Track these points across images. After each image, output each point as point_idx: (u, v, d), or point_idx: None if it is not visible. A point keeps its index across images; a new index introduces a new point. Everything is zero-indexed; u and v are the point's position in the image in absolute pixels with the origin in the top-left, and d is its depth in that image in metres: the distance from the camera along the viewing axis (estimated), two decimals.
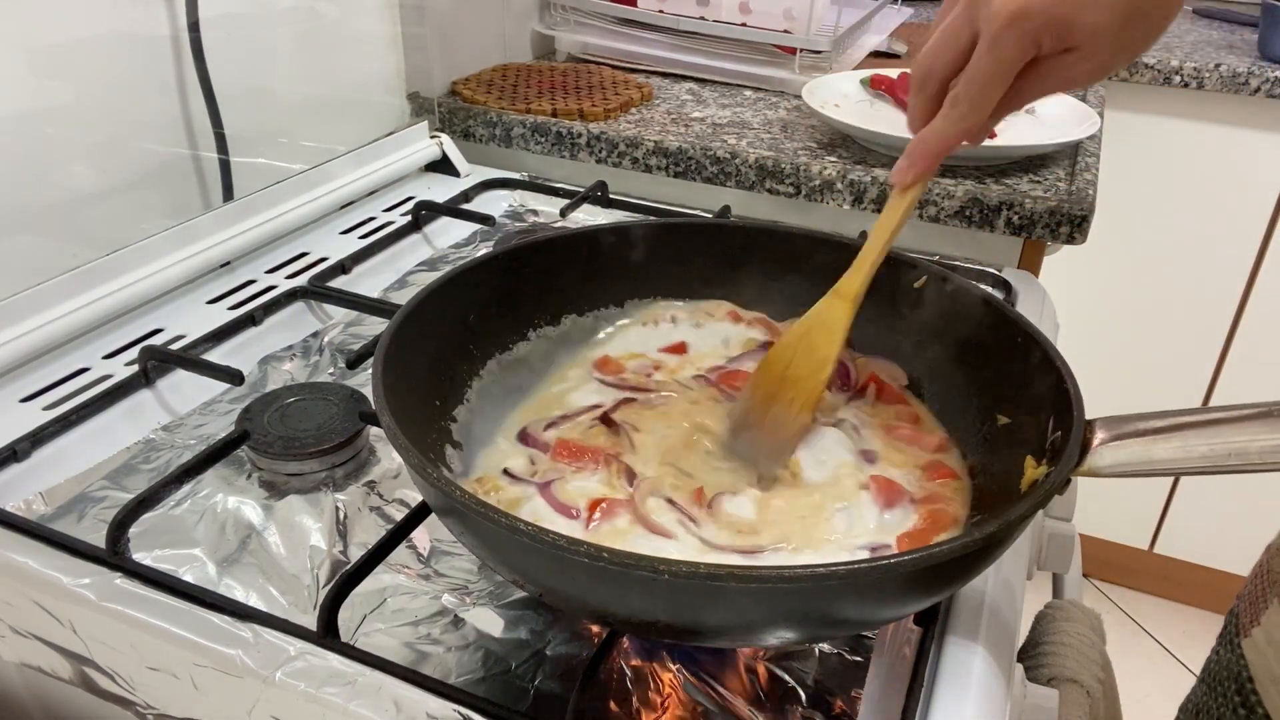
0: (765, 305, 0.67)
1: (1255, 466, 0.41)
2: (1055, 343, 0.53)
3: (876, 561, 0.38)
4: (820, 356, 0.55)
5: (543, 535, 0.38)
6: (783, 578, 0.37)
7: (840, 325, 0.55)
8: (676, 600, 0.39)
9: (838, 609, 0.40)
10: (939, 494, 0.52)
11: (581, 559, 0.38)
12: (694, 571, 0.37)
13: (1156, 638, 1.91)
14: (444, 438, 0.54)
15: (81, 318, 0.72)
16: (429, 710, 0.45)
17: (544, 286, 0.64)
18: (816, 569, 0.38)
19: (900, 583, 0.40)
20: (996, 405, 0.54)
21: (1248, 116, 1.56)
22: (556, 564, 0.40)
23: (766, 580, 0.37)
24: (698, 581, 0.37)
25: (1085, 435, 0.45)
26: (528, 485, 0.52)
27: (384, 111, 1.08)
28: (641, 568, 0.37)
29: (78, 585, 0.51)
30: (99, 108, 0.77)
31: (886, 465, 0.54)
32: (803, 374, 0.55)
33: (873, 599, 0.41)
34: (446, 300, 0.57)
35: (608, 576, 0.39)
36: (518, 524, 0.39)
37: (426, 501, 0.49)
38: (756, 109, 1.17)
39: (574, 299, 0.65)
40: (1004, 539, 0.43)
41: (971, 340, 0.58)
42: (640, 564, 0.37)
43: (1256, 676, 0.53)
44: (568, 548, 0.38)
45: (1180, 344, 1.74)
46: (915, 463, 0.55)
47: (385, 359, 0.49)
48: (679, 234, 0.67)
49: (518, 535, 0.39)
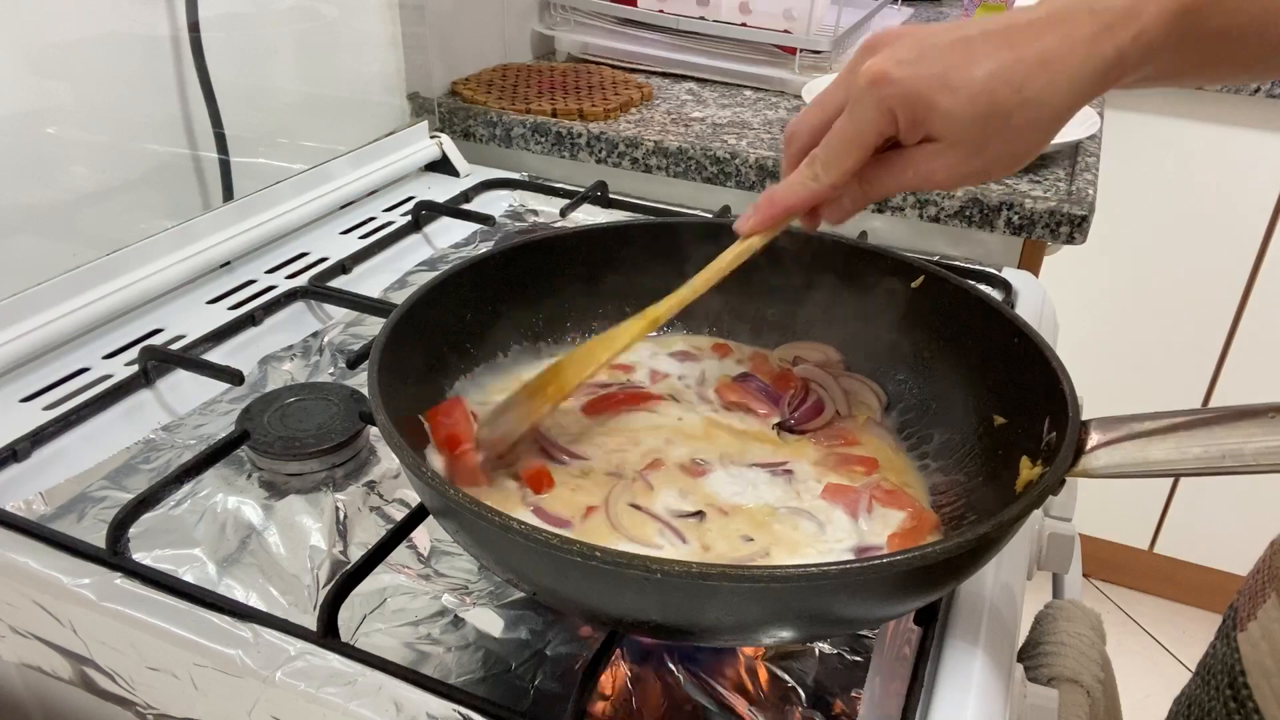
0: (763, 308, 0.67)
1: (1250, 468, 0.41)
2: (1055, 343, 0.53)
3: (869, 561, 0.38)
4: (591, 360, 0.54)
5: (536, 534, 0.38)
6: (775, 577, 0.37)
7: (624, 338, 0.54)
8: (669, 600, 0.39)
9: (832, 608, 0.41)
10: (899, 492, 0.53)
11: (575, 558, 0.38)
12: (686, 571, 0.37)
13: (1156, 638, 1.91)
14: None
15: (81, 318, 0.72)
16: (429, 710, 0.45)
17: (541, 287, 0.64)
18: (810, 569, 0.38)
19: (894, 582, 0.40)
20: (993, 406, 0.54)
21: (1248, 116, 1.56)
22: (550, 563, 0.40)
23: (759, 580, 0.37)
24: (690, 581, 0.37)
25: (1080, 436, 0.45)
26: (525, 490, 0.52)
27: (384, 111, 1.08)
28: (634, 567, 0.37)
29: (78, 585, 0.51)
30: (99, 108, 0.77)
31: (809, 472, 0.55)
32: (568, 375, 0.54)
33: (867, 598, 0.41)
34: (442, 299, 0.57)
35: (601, 576, 0.39)
36: (511, 523, 0.39)
37: (422, 501, 0.49)
38: (756, 109, 1.17)
39: (572, 300, 0.65)
40: (997, 539, 0.43)
41: (968, 341, 0.58)
42: (633, 563, 0.37)
43: (1249, 670, 0.53)
44: (561, 547, 0.38)
45: (1180, 344, 1.74)
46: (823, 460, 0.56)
47: (381, 359, 0.49)
48: (677, 234, 0.67)
49: (511, 534, 0.39)
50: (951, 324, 0.59)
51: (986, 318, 0.56)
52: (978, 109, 0.43)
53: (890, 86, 0.44)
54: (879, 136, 0.46)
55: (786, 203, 0.50)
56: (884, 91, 0.44)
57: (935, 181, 0.46)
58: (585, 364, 0.54)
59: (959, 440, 0.56)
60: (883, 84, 0.44)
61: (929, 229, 0.98)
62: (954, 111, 0.43)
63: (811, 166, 0.48)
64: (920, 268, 0.60)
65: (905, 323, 0.62)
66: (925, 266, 0.60)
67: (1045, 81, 0.42)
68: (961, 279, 0.59)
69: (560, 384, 0.54)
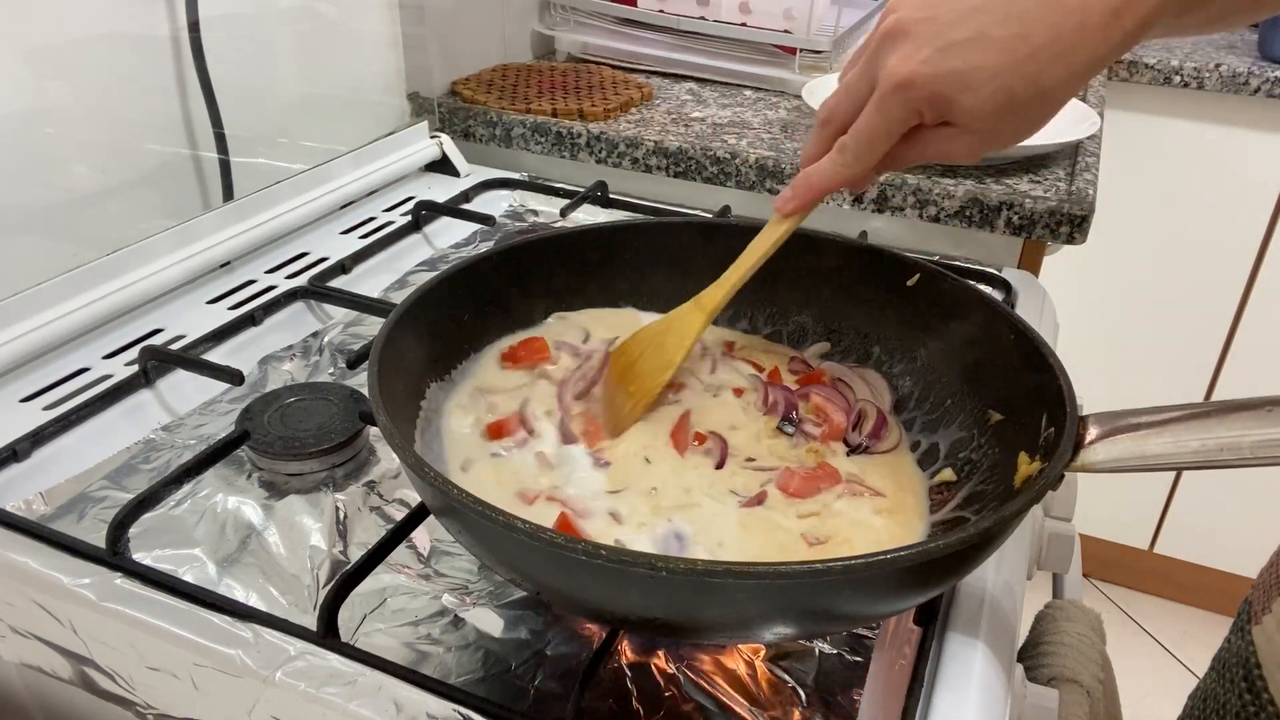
0: (766, 305, 0.67)
1: (1248, 461, 0.41)
2: (1055, 343, 0.53)
3: (874, 558, 0.38)
4: (665, 359, 0.58)
5: (539, 533, 0.38)
6: (778, 574, 0.37)
7: (691, 333, 0.58)
8: (673, 597, 0.39)
9: (834, 604, 0.41)
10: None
11: (579, 556, 0.38)
12: (691, 568, 0.37)
13: (1156, 638, 1.91)
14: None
15: (81, 318, 0.72)
16: (429, 710, 0.45)
17: (539, 285, 0.64)
18: (814, 565, 0.38)
19: (897, 578, 0.40)
20: (991, 403, 0.54)
21: (1248, 116, 1.56)
22: (553, 562, 0.40)
23: (764, 576, 0.37)
24: (694, 578, 0.37)
25: (1079, 431, 0.45)
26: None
27: (384, 111, 1.08)
28: (639, 564, 0.37)
29: (78, 585, 0.51)
30: (99, 108, 0.77)
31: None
32: (645, 371, 0.58)
33: (869, 593, 0.41)
34: (442, 299, 0.58)
35: (604, 574, 0.39)
36: (515, 522, 0.39)
37: (423, 500, 0.49)
38: (756, 109, 1.17)
39: (568, 299, 0.66)
40: (998, 534, 0.43)
41: (965, 338, 0.58)
42: (638, 561, 0.37)
43: (1264, 662, 0.53)
44: (565, 545, 0.38)
45: (1180, 344, 1.74)
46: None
47: (381, 359, 0.49)
48: (676, 234, 0.67)
49: (515, 534, 0.39)
50: (948, 321, 0.59)
51: (983, 314, 0.57)
52: (997, 104, 0.46)
53: (916, 89, 0.47)
54: (904, 128, 0.49)
55: (823, 186, 0.53)
56: (910, 94, 0.47)
57: (953, 157, 0.50)
58: (658, 365, 0.57)
59: (957, 437, 0.56)
60: (909, 88, 0.47)
61: (929, 229, 0.98)
62: (975, 108, 0.46)
63: (843, 154, 0.51)
64: (916, 265, 0.61)
65: (902, 321, 0.62)
66: (921, 264, 0.61)
67: (1060, 74, 0.44)
68: (958, 277, 0.60)
69: (641, 386, 0.57)
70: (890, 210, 0.97)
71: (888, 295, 0.62)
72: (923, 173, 0.97)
